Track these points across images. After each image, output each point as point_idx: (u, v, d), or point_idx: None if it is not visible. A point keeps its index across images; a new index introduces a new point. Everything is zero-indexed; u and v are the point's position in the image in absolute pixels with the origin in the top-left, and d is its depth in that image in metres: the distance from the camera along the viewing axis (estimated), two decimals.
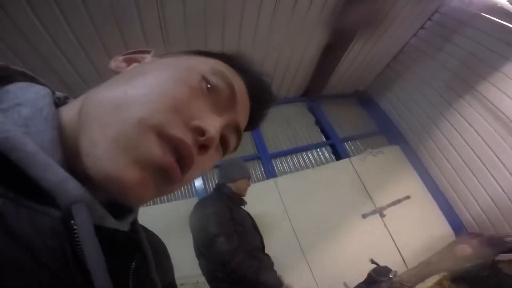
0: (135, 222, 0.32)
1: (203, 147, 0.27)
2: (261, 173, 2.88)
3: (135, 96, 0.25)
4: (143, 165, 0.23)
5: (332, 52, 2.95)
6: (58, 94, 0.31)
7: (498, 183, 2.69)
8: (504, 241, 2.56)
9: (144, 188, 0.24)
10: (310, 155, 3.17)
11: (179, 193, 2.53)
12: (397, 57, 3.45)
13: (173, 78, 0.28)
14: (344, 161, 3.03)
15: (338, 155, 3.18)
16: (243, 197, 1.75)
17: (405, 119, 3.46)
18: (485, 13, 2.61)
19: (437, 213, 3.02)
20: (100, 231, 0.21)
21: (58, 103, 0.30)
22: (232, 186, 1.70)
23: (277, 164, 3.02)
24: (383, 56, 3.40)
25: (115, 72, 0.33)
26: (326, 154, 3.20)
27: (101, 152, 0.22)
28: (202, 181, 2.62)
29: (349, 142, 3.39)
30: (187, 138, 0.26)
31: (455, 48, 2.83)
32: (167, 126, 0.25)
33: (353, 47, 2.90)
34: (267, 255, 1.70)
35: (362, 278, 2.22)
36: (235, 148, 0.37)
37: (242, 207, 1.76)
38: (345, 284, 2.35)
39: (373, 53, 3.22)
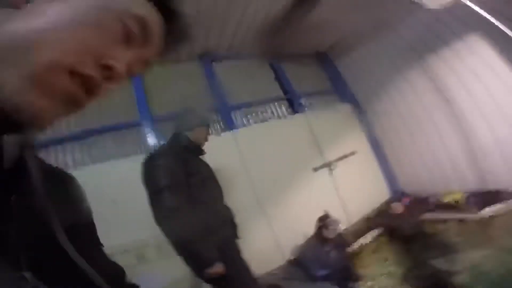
0: (26, 150, 0.32)
1: (111, 79, 0.31)
2: (220, 125, 2.80)
3: (48, 39, 0.27)
4: (54, 96, 0.27)
5: (301, 7, 2.82)
6: None
7: (432, 147, 3.11)
8: (428, 201, 3.04)
9: (53, 114, 0.28)
10: (268, 109, 3.18)
11: (130, 149, 2.35)
12: (361, 21, 3.48)
13: (85, 20, 0.29)
14: (299, 115, 3.14)
15: (294, 109, 3.26)
16: (202, 147, 1.62)
17: (357, 79, 3.71)
18: None
19: (378, 171, 3.44)
20: None
21: None
22: (189, 135, 1.55)
23: (236, 117, 2.97)
24: (341, 22, 3.38)
25: (14, 6, 0.29)
26: (284, 109, 3.26)
27: (15, 88, 0.25)
28: (154, 136, 2.45)
29: (305, 98, 3.50)
30: (97, 73, 0.29)
31: (417, 21, 2.91)
32: (78, 65, 0.28)
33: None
34: (226, 207, 1.62)
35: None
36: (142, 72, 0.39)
37: (200, 157, 1.62)
38: (305, 236, 2.56)
39: (337, 16, 3.18)
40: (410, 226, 2.65)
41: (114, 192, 1.93)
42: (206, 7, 2.44)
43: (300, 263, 2.36)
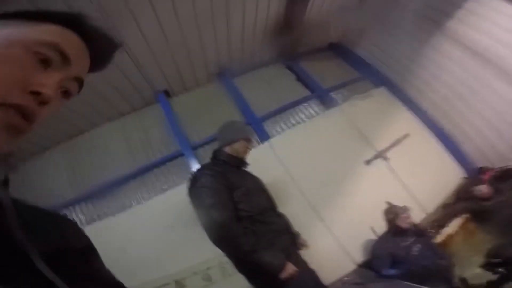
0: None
1: (44, 103, 0.34)
2: (255, 138, 2.78)
3: None
4: None
5: (297, 5, 2.83)
6: None
7: (495, 109, 2.68)
8: None
9: None
10: (299, 111, 3.08)
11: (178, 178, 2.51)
12: (361, 5, 3.34)
13: (5, 59, 0.32)
14: (334, 110, 2.97)
15: (328, 105, 3.10)
16: (243, 159, 1.60)
17: (384, 61, 3.46)
18: None
19: (440, 149, 2.99)
20: None
21: None
22: (228, 149, 1.56)
23: (268, 126, 2.91)
24: (346, 4, 3.28)
25: None
26: (315, 107, 3.13)
27: None
28: (197, 161, 2.56)
29: (335, 92, 3.30)
30: (28, 101, 0.33)
31: None
32: (5, 98, 0.31)
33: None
34: (280, 215, 1.59)
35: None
36: (79, 91, 0.42)
37: (244, 169, 1.62)
38: (372, 229, 2.34)
39: (336, 3, 3.10)
40: (505, 208, 2.15)
41: (171, 219, 2.04)
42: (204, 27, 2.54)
43: (373, 263, 2.09)
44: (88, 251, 0.45)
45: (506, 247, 1.84)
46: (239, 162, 1.58)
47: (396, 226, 2.14)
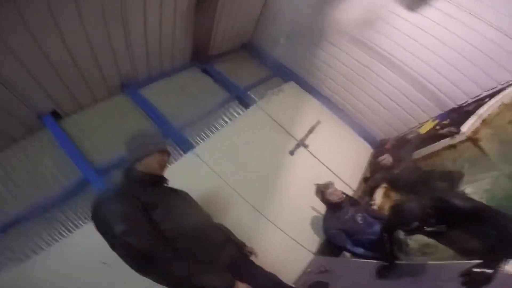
0: None
1: None
2: (177, 150, 2.54)
3: None
4: None
5: (204, 8, 2.81)
6: None
7: (379, 89, 3.27)
8: (408, 139, 3.04)
9: None
10: (222, 114, 3.01)
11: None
12: (266, 4, 3.63)
13: None
14: (254, 108, 3.01)
15: (246, 104, 3.14)
16: (159, 174, 1.34)
17: (290, 58, 3.83)
18: None
19: (348, 129, 3.45)
20: None
21: None
22: (139, 166, 1.28)
23: (191, 135, 2.72)
24: (253, 5, 3.46)
25: None
26: (236, 108, 3.12)
27: None
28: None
29: (252, 90, 3.41)
30: None
31: None
32: None
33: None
34: (217, 226, 1.44)
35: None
36: None
37: (166, 184, 1.38)
38: (313, 208, 2.41)
39: (244, 4, 3.23)
40: (408, 172, 2.57)
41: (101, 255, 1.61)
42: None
43: (334, 243, 2.14)
44: None
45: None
46: (155, 179, 1.33)
47: (330, 203, 2.22)
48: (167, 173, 1.38)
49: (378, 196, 2.72)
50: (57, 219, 2.06)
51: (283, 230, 2.28)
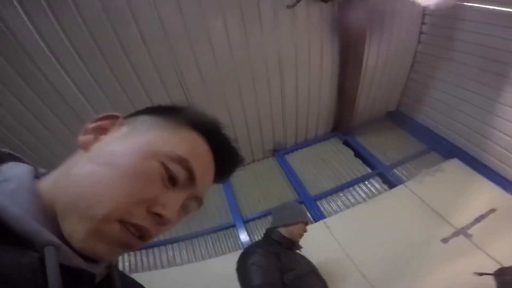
0: (112, 268, 0.38)
1: (162, 225, 0.34)
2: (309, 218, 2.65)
3: (102, 195, 0.32)
4: (110, 242, 0.32)
5: (348, 76, 2.97)
6: (42, 170, 0.39)
7: None
8: None
9: (111, 255, 0.33)
10: (358, 189, 2.87)
11: (226, 247, 2.56)
12: (413, 68, 3.32)
13: (133, 172, 0.33)
14: (399, 188, 2.68)
15: (391, 183, 2.82)
16: (297, 242, 1.57)
17: (451, 128, 3.06)
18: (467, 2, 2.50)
19: None
20: (68, 269, 0.29)
21: (39, 176, 0.37)
22: (283, 230, 1.54)
23: (324, 205, 2.77)
24: (398, 70, 3.30)
25: (83, 149, 0.36)
26: (377, 185, 2.87)
27: (80, 237, 0.30)
28: (246, 234, 2.56)
29: (399, 168, 3.00)
30: (146, 222, 0.33)
31: (463, 44, 2.68)
32: (127, 216, 0.32)
33: (366, 66, 2.88)
34: None
35: None
36: (198, 208, 0.41)
37: (298, 251, 1.57)
38: None
39: (388, 69, 3.17)
40: None
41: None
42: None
43: None
44: None
45: None
46: (293, 244, 1.54)
47: None
48: None
49: None
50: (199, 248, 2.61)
51: None
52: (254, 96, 2.80)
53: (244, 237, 2.55)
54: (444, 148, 3.08)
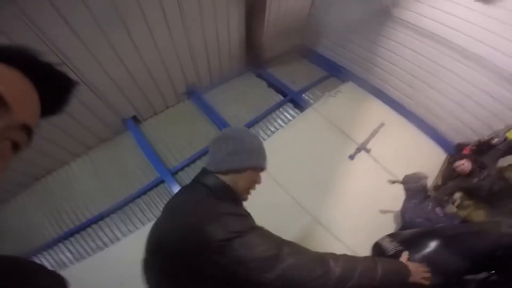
0: None
1: None
2: None
3: None
4: None
5: (254, 17, 2.94)
6: None
7: (453, 86, 2.81)
8: (494, 144, 2.53)
9: None
10: (276, 117, 3.07)
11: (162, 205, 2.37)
12: (314, 4, 3.49)
13: None
14: (309, 110, 3.00)
15: (301, 107, 3.14)
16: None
17: (346, 57, 3.60)
18: None
19: (415, 131, 3.07)
20: None
21: None
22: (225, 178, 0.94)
23: None
24: (301, 7, 3.41)
25: None
26: (290, 111, 3.14)
27: None
28: (178, 185, 2.44)
29: (307, 93, 3.36)
30: None
31: None
32: None
33: (271, 5, 2.84)
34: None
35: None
36: (28, 143, 0.37)
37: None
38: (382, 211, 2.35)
39: (290, 7, 3.20)
40: (491, 181, 2.17)
41: None
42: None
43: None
44: None
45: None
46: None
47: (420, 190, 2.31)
48: None
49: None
50: (134, 213, 2.39)
51: (339, 239, 2.22)
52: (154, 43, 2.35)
53: (176, 189, 2.41)
54: (341, 74, 3.60)
